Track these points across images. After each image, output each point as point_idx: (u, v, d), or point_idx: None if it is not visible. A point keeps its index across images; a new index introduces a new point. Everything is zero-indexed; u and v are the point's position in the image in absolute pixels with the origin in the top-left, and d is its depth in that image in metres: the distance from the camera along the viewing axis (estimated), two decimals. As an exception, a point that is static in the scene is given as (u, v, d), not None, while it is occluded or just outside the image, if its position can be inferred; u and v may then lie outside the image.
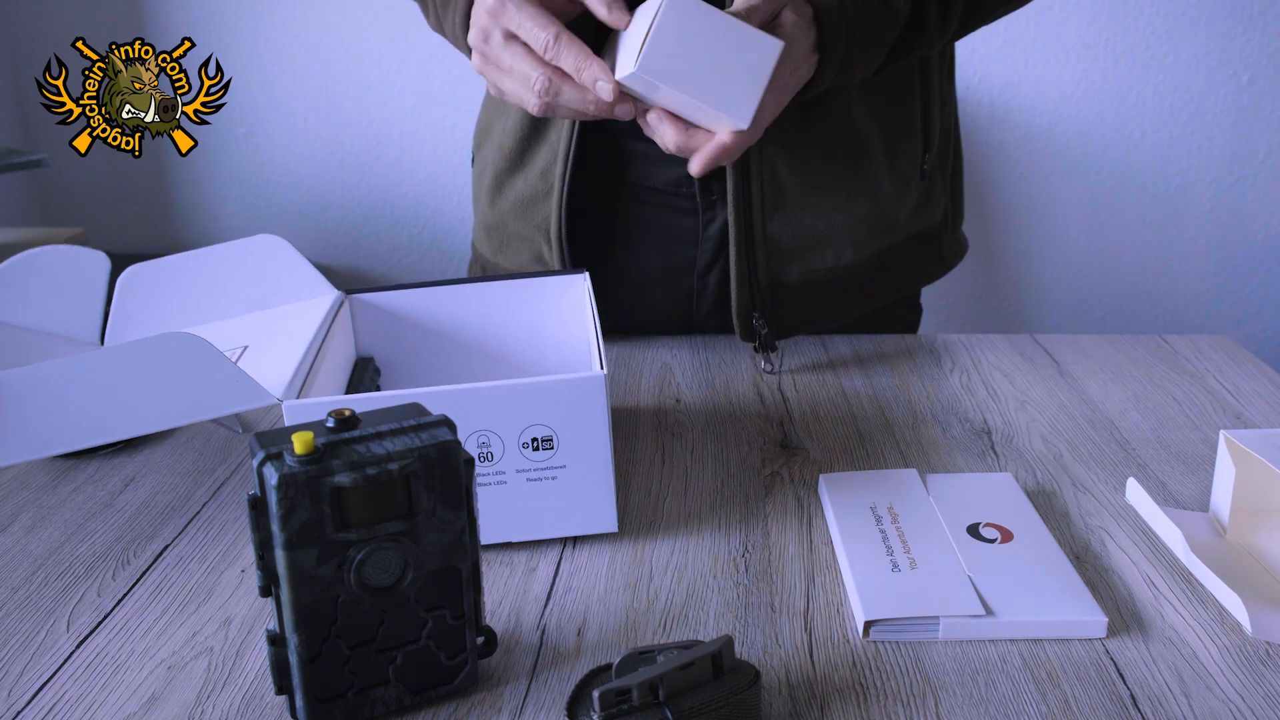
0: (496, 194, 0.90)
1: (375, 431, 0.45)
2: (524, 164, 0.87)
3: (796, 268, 0.86)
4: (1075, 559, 0.58)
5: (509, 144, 0.87)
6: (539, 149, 0.85)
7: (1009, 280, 2.11)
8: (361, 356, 0.75)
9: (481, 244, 0.96)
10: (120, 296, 0.74)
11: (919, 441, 0.73)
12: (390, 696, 0.46)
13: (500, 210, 0.90)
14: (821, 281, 0.87)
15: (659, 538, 0.61)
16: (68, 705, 0.48)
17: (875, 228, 0.88)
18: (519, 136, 0.86)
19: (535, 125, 0.85)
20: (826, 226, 0.85)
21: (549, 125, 0.84)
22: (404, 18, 2.01)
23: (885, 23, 0.75)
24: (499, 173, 0.89)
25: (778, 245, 0.84)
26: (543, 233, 0.87)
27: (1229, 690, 0.48)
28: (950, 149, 0.96)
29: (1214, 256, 2.07)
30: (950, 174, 0.96)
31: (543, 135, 0.85)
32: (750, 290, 0.84)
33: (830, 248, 0.86)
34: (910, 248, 0.92)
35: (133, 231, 2.21)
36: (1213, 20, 1.93)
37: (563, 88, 0.67)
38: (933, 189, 0.93)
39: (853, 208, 0.86)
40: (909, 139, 0.88)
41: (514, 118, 0.86)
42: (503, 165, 0.88)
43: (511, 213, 0.89)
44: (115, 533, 0.63)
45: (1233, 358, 0.88)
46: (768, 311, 0.85)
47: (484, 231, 0.94)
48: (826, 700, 0.48)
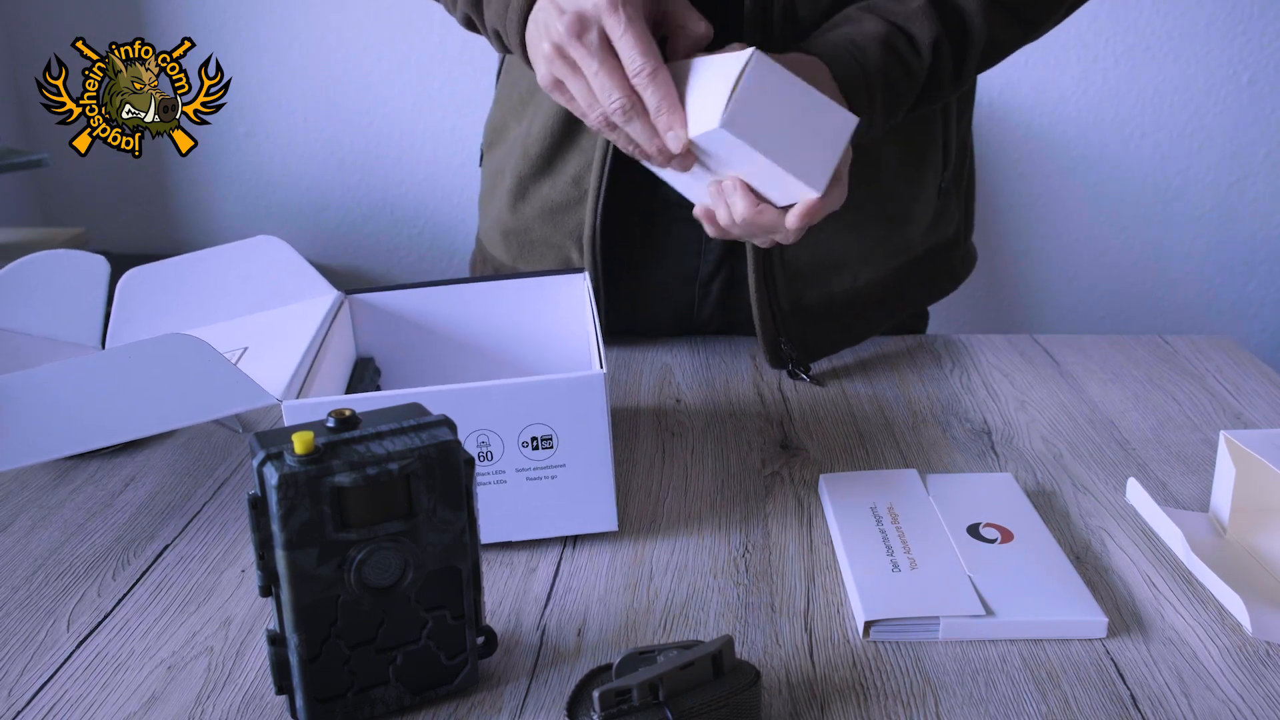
0: (519, 199, 0.88)
1: (375, 431, 0.45)
2: (552, 170, 0.85)
3: (815, 290, 0.85)
4: (1075, 559, 0.58)
5: (535, 149, 0.85)
6: (569, 155, 0.84)
7: (1009, 280, 2.11)
8: (361, 356, 0.75)
9: (495, 248, 0.94)
10: (120, 299, 0.74)
11: (919, 441, 0.73)
12: (390, 696, 0.46)
13: (523, 216, 0.89)
14: (840, 303, 0.87)
15: (659, 538, 0.61)
16: (68, 705, 0.48)
17: (891, 247, 0.88)
18: (547, 142, 0.84)
19: (566, 131, 0.83)
20: (843, 249, 0.85)
21: (582, 132, 0.83)
22: (404, 18, 2.01)
23: (906, 89, 0.73)
24: (522, 177, 0.87)
25: (796, 269, 0.84)
26: (574, 239, 0.86)
27: (1229, 690, 0.48)
28: (966, 162, 0.95)
29: (1214, 256, 2.07)
30: (965, 187, 0.96)
31: (575, 142, 0.83)
32: (773, 315, 0.84)
33: (847, 269, 0.86)
34: (924, 264, 0.92)
35: (133, 231, 2.21)
36: (1213, 20, 1.93)
37: (635, 120, 0.64)
38: (948, 204, 0.92)
39: (869, 229, 0.85)
40: (930, 159, 0.88)
41: (541, 122, 0.84)
42: (527, 170, 0.87)
43: (537, 219, 0.88)
44: (115, 533, 0.63)
45: (1233, 358, 0.88)
46: (794, 335, 0.85)
47: (500, 236, 0.92)
48: (826, 700, 0.48)
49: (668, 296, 0.91)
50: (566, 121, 0.83)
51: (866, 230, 0.85)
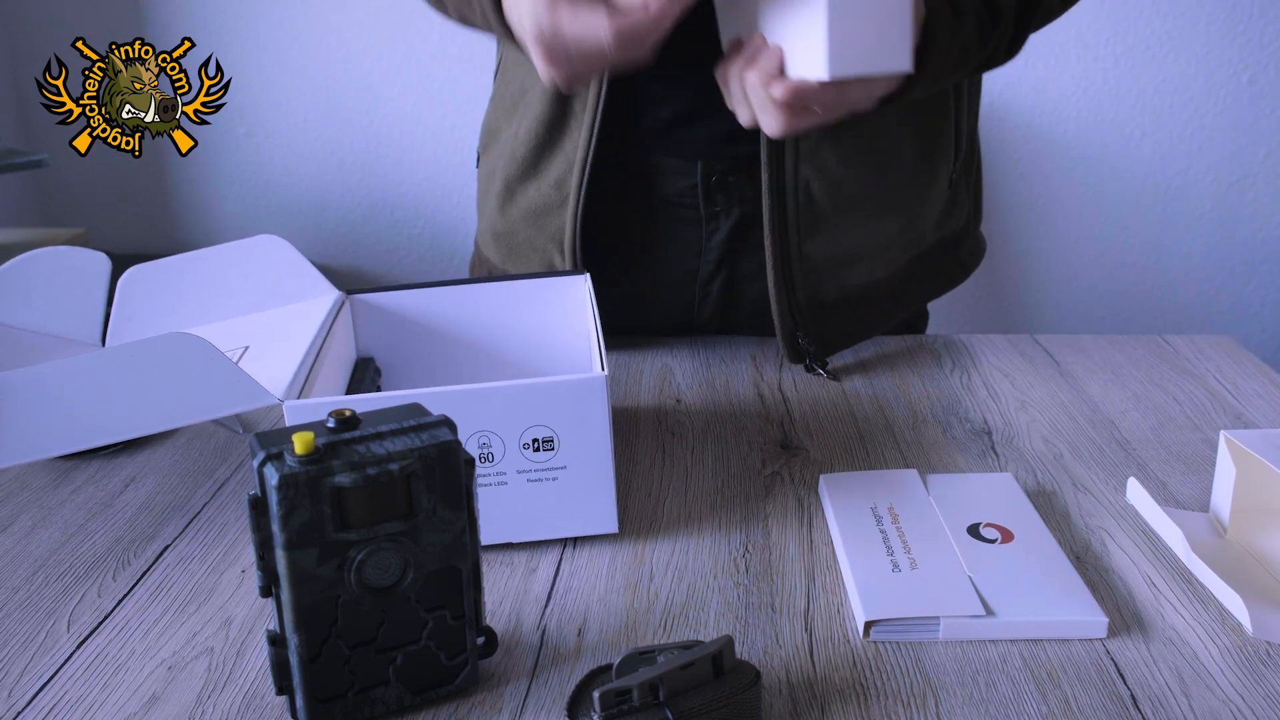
0: (507, 201, 0.89)
1: (376, 432, 0.45)
2: (537, 172, 0.85)
3: (832, 285, 0.85)
4: (1075, 559, 0.58)
5: (521, 151, 0.86)
6: (553, 158, 0.84)
7: (1009, 280, 2.11)
8: (362, 357, 0.75)
9: (489, 249, 0.94)
10: (121, 297, 0.74)
11: (919, 441, 0.73)
12: (390, 697, 0.46)
13: (510, 218, 0.89)
14: (856, 297, 0.87)
15: (659, 538, 0.61)
16: (68, 705, 0.48)
17: (905, 240, 0.88)
18: (532, 145, 0.84)
19: (549, 134, 0.83)
20: (859, 243, 0.85)
21: (564, 135, 0.83)
22: (404, 18, 2.01)
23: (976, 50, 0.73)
24: (509, 180, 0.88)
25: (813, 264, 0.84)
26: (555, 242, 0.86)
27: (1229, 690, 0.48)
28: (974, 154, 0.95)
29: (1214, 256, 2.07)
30: (974, 178, 0.96)
31: (557, 144, 0.83)
32: (791, 310, 0.84)
33: (863, 262, 0.86)
34: (934, 255, 0.92)
35: (133, 232, 2.21)
36: (1213, 20, 1.93)
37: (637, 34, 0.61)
38: (958, 195, 0.92)
39: (885, 223, 0.86)
40: (943, 151, 0.88)
41: (527, 125, 0.84)
42: (514, 172, 0.87)
43: (522, 221, 0.88)
44: (115, 533, 0.63)
45: (1233, 358, 0.88)
46: (811, 330, 0.85)
47: (492, 237, 0.93)
48: (827, 700, 0.48)
49: (667, 297, 0.91)
50: (550, 124, 0.83)
51: (884, 222, 0.85)
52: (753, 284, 0.88)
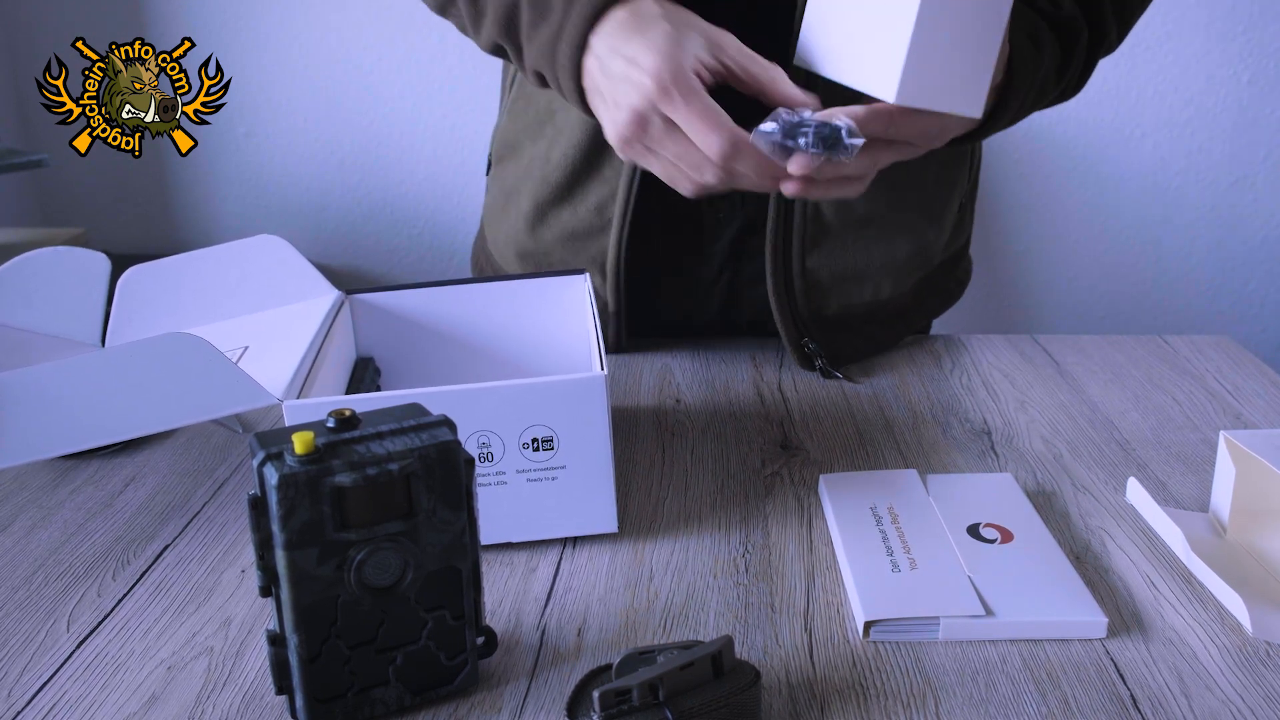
0: (538, 223, 0.87)
1: (375, 431, 0.45)
2: (573, 197, 0.84)
3: (835, 301, 0.85)
4: (1075, 559, 0.58)
5: (555, 176, 0.84)
6: (591, 184, 0.83)
7: (1009, 280, 2.11)
8: (362, 356, 0.75)
9: (511, 266, 0.92)
10: (121, 297, 0.74)
11: (919, 442, 0.73)
12: (390, 697, 0.46)
13: (543, 240, 0.88)
14: (861, 315, 0.87)
15: (659, 538, 0.61)
16: (68, 705, 0.48)
17: (914, 262, 0.88)
18: (567, 170, 0.83)
19: (587, 160, 0.82)
20: (866, 262, 0.84)
21: (605, 162, 0.81)
22: (404, 18, 2.01)
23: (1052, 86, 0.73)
24: (540, 202, 0.86)
25: (815, 279, 0.83)
26: (596, 265, 0.85)
27: (1229, 690, 0.48)
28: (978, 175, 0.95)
29: (1214, 256, 2.07)
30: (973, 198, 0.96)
31: (597, 171, 0.82)
32: (794, 321, 0.84)
33: (869, 282, 0.86)
34: (938, 275, 0.92)
35: (133, 232, 2.21)
36: (1213, 20, 1.93)
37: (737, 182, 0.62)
38: (963, 216, 0.92)
39: (894, 245, 0.85)
40: (959, 176, 0.88)
41: (561, 149, 0.83)
42: (546, 195, 0.85)
43: (558, 244, 0.87)
44: (115, 533, 0.63)
45: (1233, 358, 0.88)
46: (818, 338, 0.85)
47: (516, 256, 0.91)
48: (826, 701, 0.48)
49: (676, 303, 0.91)
50: (589, 151, 0.81)
51: (892, 244, 0.85)
52: (754, 289, 0.88)
